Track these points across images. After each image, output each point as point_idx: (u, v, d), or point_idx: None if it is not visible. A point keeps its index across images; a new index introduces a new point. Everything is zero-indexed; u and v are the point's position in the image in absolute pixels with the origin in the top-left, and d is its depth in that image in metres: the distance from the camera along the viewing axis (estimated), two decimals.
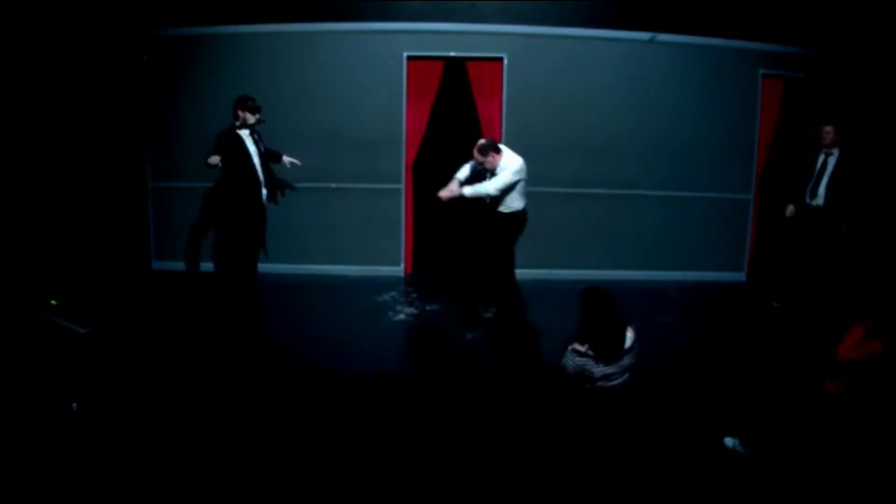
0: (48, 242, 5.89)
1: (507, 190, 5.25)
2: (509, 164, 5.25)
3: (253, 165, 5.52)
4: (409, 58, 6.50)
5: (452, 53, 6.51)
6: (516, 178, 5.24)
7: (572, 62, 6.53)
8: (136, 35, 6.46)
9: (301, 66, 6.52)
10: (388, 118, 6.55)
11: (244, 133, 5.50)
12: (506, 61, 6.50)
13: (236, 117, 5.49)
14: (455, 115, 6.65)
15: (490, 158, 5.24)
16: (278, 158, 5.86)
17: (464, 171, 5.50)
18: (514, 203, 5.36)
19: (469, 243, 5.72)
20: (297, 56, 6.51)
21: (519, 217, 5.43)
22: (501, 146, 5.39)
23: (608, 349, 3.44)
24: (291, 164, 5.91)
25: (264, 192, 5.63)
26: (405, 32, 6.46)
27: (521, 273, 5.71)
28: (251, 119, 5.50)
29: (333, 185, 6.64)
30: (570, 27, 6.47)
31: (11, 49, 5.77)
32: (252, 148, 5.53)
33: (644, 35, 6.50)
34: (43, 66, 6.05)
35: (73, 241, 6.16)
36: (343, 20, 6.45)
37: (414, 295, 6.23)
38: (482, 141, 5.33)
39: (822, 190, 5.77)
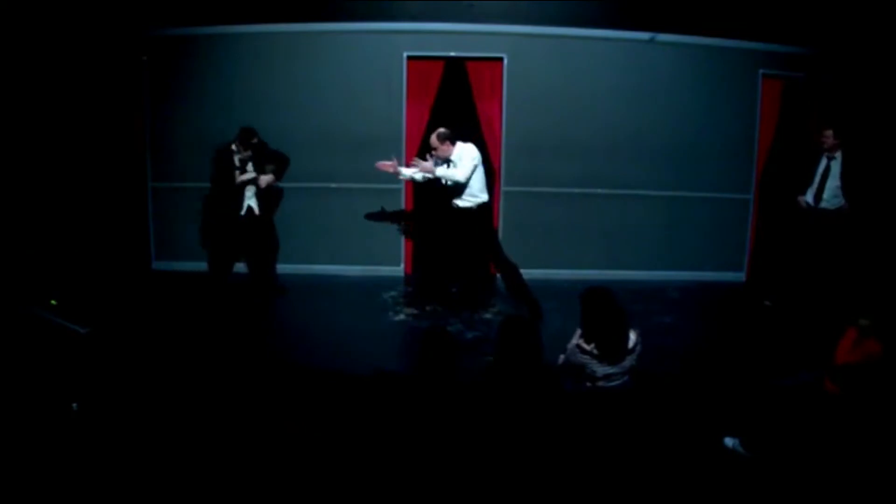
0: (48, 242, 5.89)
1: (471, 176, 5.41)
2: (465, 152, 5.42)
3: (233, 184, 5.78)
4: (409, 58, 6.49)
5: (452, 53, 6.51)
6: (475, 162, 5.42)
7: (572, 62, 6.53)
8: (135, 35, 6.45)
9: (301, 66, 6.51)
10: (388, 118, 6.55)
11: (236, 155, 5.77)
12: (506, 61, 6.50)
13: (234, 141, 5.77)
14: (455, 115, 6.64)
15: (445, 147, 5.42)
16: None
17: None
18: (480, 194, 5.50)
19: (461, 250, 5.78)
20: (297, 56, 6.51)
21: (486, 207, 5.58)
22: (459, 143, 5.50)
23: (610, 349, 3.45)
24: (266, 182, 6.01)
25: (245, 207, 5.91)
26: (405, 32, 6.46)
27: (522, 273, 5.71)
28: (241, 154, 5.77)
29: (333, 185, 6.65)
30: (570, 27, 6.47)
31: (11, 50, 5.77)
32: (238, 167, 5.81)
33: (644, 35, 6.49)
34: (43, 66, 6.05)
35: (74, 241, 6.16)
36: (343, 20, 6.45)
37: (414, 295, 6.22)
38: (443, 129, 5.46)
39: (826, 194, 5.77)
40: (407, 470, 2.89)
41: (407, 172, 5.61)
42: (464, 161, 5.38)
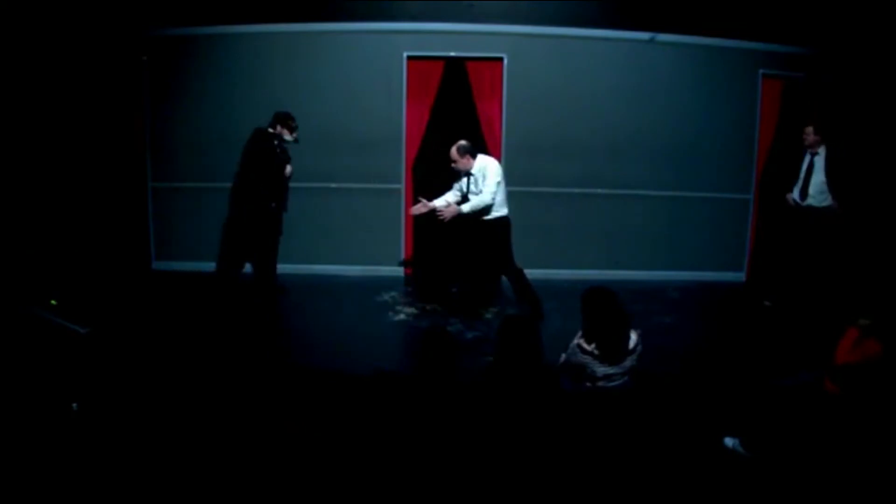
0: (48, 242, 5.89)
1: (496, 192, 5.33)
2: (490, 167, 5.32)
3: (272, 173, 5.69)
4: (409, 58, 6.50)
5: (452, 53, 6.52)
6: (499, 177, 5.33)
7: (572, 62, 6.53)
8: (135, 35, 6.46)
9: (301, 66, 6.52)
10: (388, 118, 6.55)
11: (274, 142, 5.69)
12: (506, 61, 6.50)
13: (273, 127, 5.67)
14: (455, 115, 6.65)
15: (465, 160, 5.32)
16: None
17: (448, 197, 5.49)
18: (501, 208, 5.41)
19: (468, 256, 5.73)
20: (297, 56, 6.51)
21: (505, 222, 5.45)
22: (480, 156, 5.40)
23: (611, 349, 3.45)
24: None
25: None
26: (405, 32, 6.46)
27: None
28: (288, 137, 5.70)
29: (333, 185, 6.65)
30: (570, 27, 6.48)
31: (11, 50, 5.77)
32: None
33: (644, 35, 6.50)
34: (43, 66, 6.05)
35: (74, 240, 6.16)
36: (343, 20, 6.46)
37: (414, 295, 6.23)
38: (463, 142, 5.37)
39: (812, 189, 5.80)
40: (407, 470, 2.89)
41: (440, 203, 5.44)
42: (489, 179, 5.27)
